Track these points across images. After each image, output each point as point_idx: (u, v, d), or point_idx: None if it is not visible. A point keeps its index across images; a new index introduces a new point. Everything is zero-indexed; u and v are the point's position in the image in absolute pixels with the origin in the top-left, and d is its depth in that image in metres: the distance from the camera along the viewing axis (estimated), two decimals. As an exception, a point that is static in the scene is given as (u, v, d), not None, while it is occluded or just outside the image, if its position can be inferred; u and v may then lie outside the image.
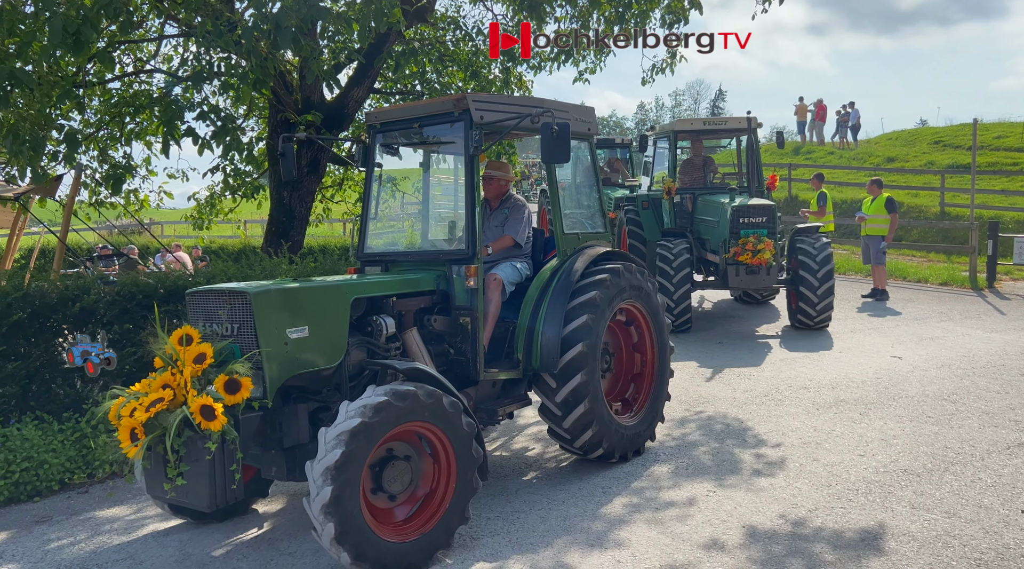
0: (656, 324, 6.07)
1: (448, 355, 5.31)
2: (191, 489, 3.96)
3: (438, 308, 5.32)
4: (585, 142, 6.27)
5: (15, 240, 11.50)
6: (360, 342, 4.78)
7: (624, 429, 5.63)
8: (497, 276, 5.52)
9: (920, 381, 7.65)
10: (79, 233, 15.87)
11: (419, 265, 5.50)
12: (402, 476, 4.21)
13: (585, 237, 6.02)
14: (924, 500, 4.84)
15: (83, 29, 5.31)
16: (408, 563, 4.07)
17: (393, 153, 5.91)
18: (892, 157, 24.81)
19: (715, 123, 11.60)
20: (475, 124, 5.07)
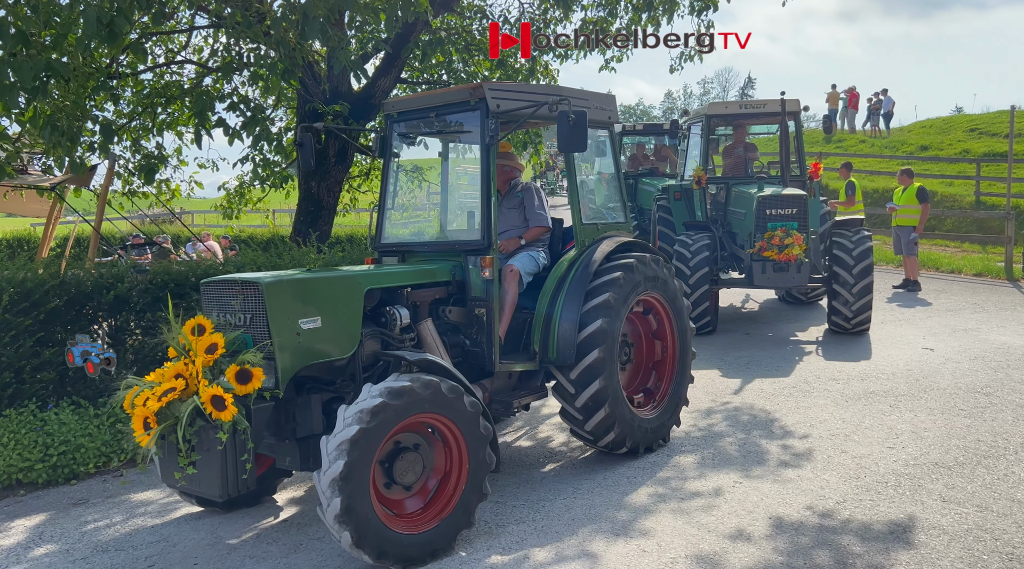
0: (675, 310, 5.99)
1: (464, 346, 5.29)
2: (203, 478, 3.98)
3: (454, 299, 5.30)
4: (606, 131, 6.19)
5: (51, 229, 11.75)
6: (374, 333, 4.77)
7: (647, 422, 5.61)
8: (514, 267, 5.47)
9: (952, 373, 7.53)
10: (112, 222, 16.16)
11: (435, 256, 5.48)
12: (414, 466, 4.19)
13: (605, 228, 5.93)
14: (955, 493, 4.78)
15: (116, 20, 5.38)
16: (432, 550, 4.11)
17: (411, 142, 5.90)
18: (926, 145, 24.33)
19: (752, 106, 10.55)
20: (491, 113, 5.02)
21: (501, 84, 5.28)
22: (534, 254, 5.74)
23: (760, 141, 12.64)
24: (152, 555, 4.43)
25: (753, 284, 9.18)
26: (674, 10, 10.20)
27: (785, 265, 8.85)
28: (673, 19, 10.45)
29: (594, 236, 5.76)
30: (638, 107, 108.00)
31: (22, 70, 5.49)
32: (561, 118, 4.73)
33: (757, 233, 9.08)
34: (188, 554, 4.42)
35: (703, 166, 10.49)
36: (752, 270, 9.07)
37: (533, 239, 5.83)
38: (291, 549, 4.43)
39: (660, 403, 5.90)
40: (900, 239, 12.44)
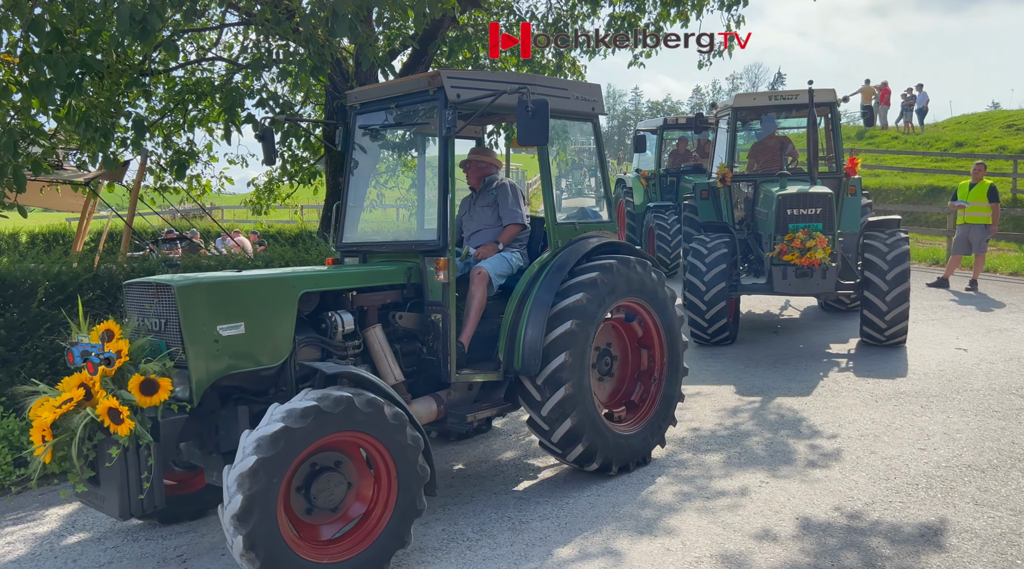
0: (664, 318, 5.53)
1: (420, 354, 4.93)
2: (106, 496, 3.70)
3: (411, 304, 4.94)
4: (588, 123, 5.75)
5: (85, 224, 11.96)
6: (311, 340, 4.45)
7: (623, 439, 5.21)
8: (483, 269, 5.10)
9: (986, 374, 7.39)
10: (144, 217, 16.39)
11: (396, 256, 5.12)
12: (334, 487, 3.85)
13: (584, 227, 5.52)
14: (988, 497, 4.69)
15: (149, 18, 5.46)
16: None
17: (374, 135, 5.57)
18: (961, 142, 23.86)
19: (781, 98, 9.66)
20: (450, 103, 4.67)
21: (461, 72, 4.96)
22: (507, 256, 5.36)
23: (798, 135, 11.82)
24: (181, 545, 4.50)
25: (774, 290, 8.48)
26: (703, 5, 10.10)
27: (808, 270, 8.15)
28: (702, 14, 10.36)
29: (571, 236, 5.36)
30: (665, 103, 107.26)
31: (58, 67, 5.60)
32: (519, 108, 4.39)
33: (777, 235, 8.36)
34: (217, 545, 4.47)
35: (728, 163, 9.79)
36: (772, 275, 8.38)
37: (510, 239, 5.46)
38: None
39: (643, 419, 5.46)
40: (965, 237, 12.00)
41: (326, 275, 4.63)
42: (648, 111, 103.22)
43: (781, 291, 8.43)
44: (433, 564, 4.10)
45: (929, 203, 18.86)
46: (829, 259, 8.09)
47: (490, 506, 4.85)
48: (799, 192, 8.38)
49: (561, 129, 6.24)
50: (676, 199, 13.74)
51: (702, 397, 7.10)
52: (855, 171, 9.39)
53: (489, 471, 5.51)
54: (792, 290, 8.39)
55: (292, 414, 3.58)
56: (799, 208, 8.31)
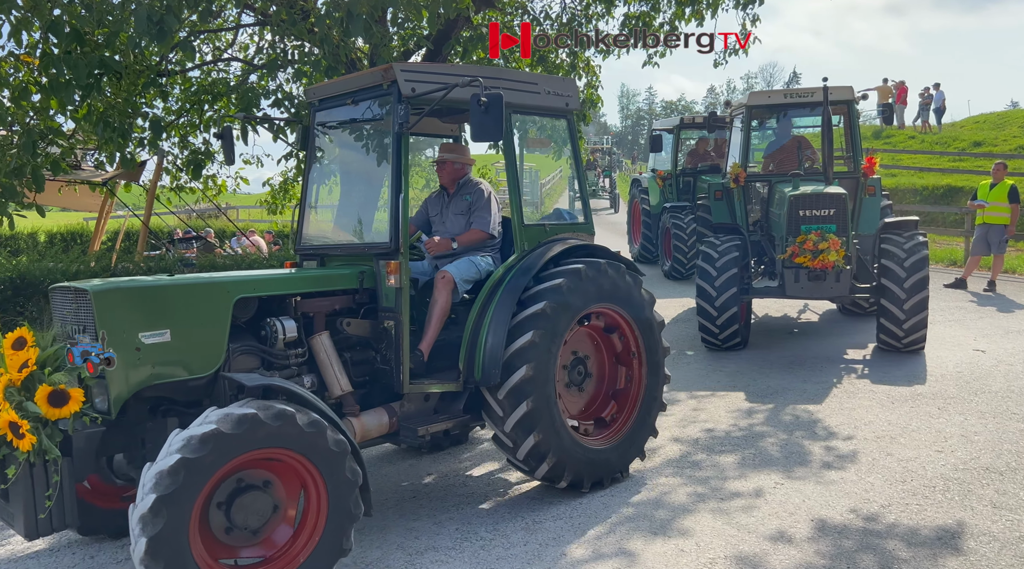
0: (642, 327, 5.20)
1: (374, 363, 4.71)
2: (14, 513, 3.53)
3: (365, 310, 4.70)
4: (563, 120, 5.51)
5: (103, 223, 12.08)
6: (248, 348, 4.23)
7: (596, 453, 4.93)
8: (447, 273, 4.84)
9: (1005, 376, 7.31)
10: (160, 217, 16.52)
11: (352, 260, 4.89)
12: (256, 511, 3.57)
13: (556, 229, 5.24)
14: (1007, 500, 4.64)
15: (166, 19, 5.52)
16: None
17: (333, 132, 5.37)
18: (979, 141, 23.61)
19: (797, 95, 9.34)
20: (403, 97, 4.44)
21: (416, 65, 4.76)
22: (476, 259, 5.07)
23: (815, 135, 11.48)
24: (197, 542, 4.53)
25: (785, 294, 8.22)
26: (719, 4, 10.06)
27: (821, 273, 7.85)
28: (717, 13, 10.32)
29: (541, 238, 5.10)
30: (679, 103, 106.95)
31: (77, 68, 5.66)
32: (472, 102, 4.13)
33: (789, 236, 8.13)
34: (231, 542, 4.50)
35: (742, 162, 9.47)
36: (785, 278, 8.11)
37: (469, 244, 5.13)
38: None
39: (619, 431, 5.16)
40: (984, 238, 11.86)
41: (265, 279, 4.39)
42: (662, 111, 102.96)
43: (793, 295, 8.18)
44: (447, 563, 4.11)
45: (947, 203, 18.68)
46: (843, 262, 7.84)
47: (504, 506, 4.85)
48: (811, 192, 8.16)
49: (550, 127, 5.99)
50: (693, 199, 13.65)
51: (716, 398, 7.07)
52: (873, 171, 9.11)
53: (502, 470, 5.51)
54: (805, 294, 8.13)
55: (228, 418, 3.37)
56: (812, 209, 8.08)
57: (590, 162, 30.92)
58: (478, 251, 5.16)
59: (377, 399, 4.70)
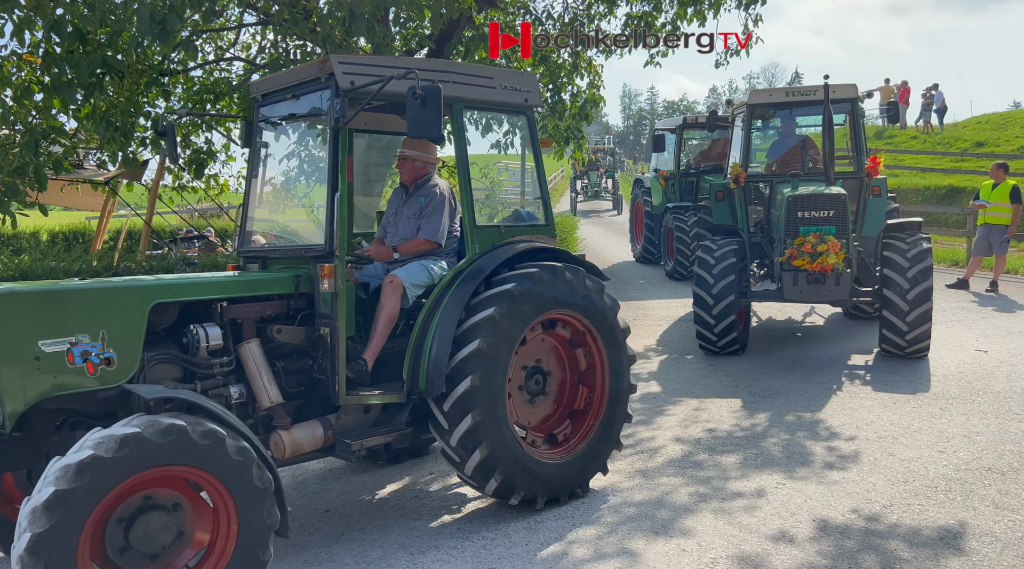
0: (605, 334, 4.92)
1: (311, 373, 4.47)
2: None
3: (302, 316, 4.46)
4: (522, 116, 5.25)
5: (105, 222, 12.10)
6: (166, 357, 3.99)
7: (551, 469, 4.69)
8: (396, 278, 4.60)
9: (1007, 376, 7.30)
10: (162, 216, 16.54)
11: (292, 263, 4.65)
12: (155, 535, 3.32)
13: (513, 231, 4.98)
14: (1009, 500, 4.63)
15: (168, 18, 5.53)
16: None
17: (276, 129, 5.10)
18: (981, 141, 23.60)
19: (799, 93, 9.07)
20: (341, 90, 4.23)
21: (354, 57, 4.56)
22: (428, 263, 4.83)
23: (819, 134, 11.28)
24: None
25: (784, 297, 7.99)
26: (720, 4, 10.06)
27: (820, 276, 7.63)
28: (719, 14, 10.32)
29: (495, 241, 4.85)
30: (681, 103, 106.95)
31: (79, 67, 5.67)
32: (408, 95, 3.94)
33: (788, 238, 7.92)
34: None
35: (743, 162, 9.19)
36: (783, 281, 7.89)
37: (412, 252, 4.86)
38: (332, 540, 4.50)
39: (579, 444, 4.91)
40: (986, 238, 11.84)
41: (187, 283, 4.14)
42: (664, 111, 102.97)
43: (792, 298, 7.95)
44: (449, 562, 4.11)
45: (949, 203, 18.67)
46: (843, 265, 7.65)
47: (505, 505, 4.85)
48: (810, 193, 7.97)
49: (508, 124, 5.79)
50: (696, 199, 13.62)
51: (718, 398, 7.07)
52: (877, 171, 8.85)
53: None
54: (803, 297, 7.93)
55: (108, 441, 3.12)
56: (810, 210, 7.86)
57: (592, 162, 30.42)
58: (432, 255, 4.92)
59: (315, 411, 4.44)
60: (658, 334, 9.95)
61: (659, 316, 11.00)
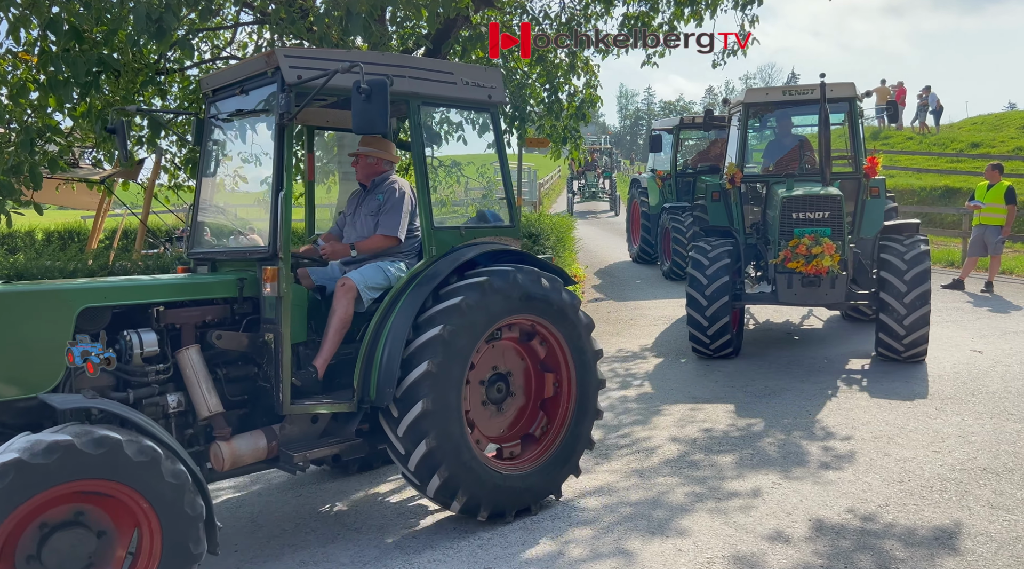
0: (569, 338, 4.78)
1: (256, 380, 4.27)
2: None
3: (247, 321, 4.26)
4: (485, 113, 5.08)
5: (100, 221, 12.07)
6: None
7: (515, 480, 4.52)
8: (348, 281, 4.43)
9: (1002, 376, 7.32)
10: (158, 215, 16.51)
11: (241, 266, 4.47)
12: (72, 555, 3.10)
13: (475, 233, 4.81)
14: (1004, 500, 4.65)
15: (165, 17, 5.52)
16: None
17: (227, 126, 4.88)
18: (977, 142, 23.67)
19: (796, 92, 8.88)
20: (287, 85, 4.08)
21: (302, 50, 4.41)
22: (386, 265, 4.66)
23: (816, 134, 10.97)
24: (194, 540, 4.53)
25: (778, 300, 7.88)
26: (718, 4, 10.07)
27: (815, 279, 7.51)
28: (716, 14, 10.33)
29: (454, 243, 4.68)
30: (678, 103, 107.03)
31: (75, 65, 5.65)
32: (353, 89, 3.78)
33: (782, 240, 7.80)
34: (229, 540, 4.50)
35: (738, 162, 8.97)
36: (777, 284, 7.77)
37: (372, 251, 4.71)
38: (329, 539, 4.49)
39: (543, 454, 4.76)
40: (980, 239, 11.88)
41: (118, 287, 3.94)
42: (661, 111, 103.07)
43: (786, 301, 7.84)
44: (445, 562, 4.11)
45: (944, 204, 18.72)
46: (838, 267, 7.52)
47: (501, 505, 4.85)
48: (804, 194, 7.85)
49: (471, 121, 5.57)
50: (692, 200, 13.62)
51: (714, 398, 7.08)
52: (875, 172, 8.69)
53: (500, 470, 5.51)
54: (798, 300, 7.82)
55: (34, 446, 2.95)
56: (805, 211, 7.75)
57: (589, 162, 30.18)
58: (389, 256, 4.75)
59: (260, 420, 4.24)
60: (654, 334, 9.96)
61: (655, 316, 11.01)
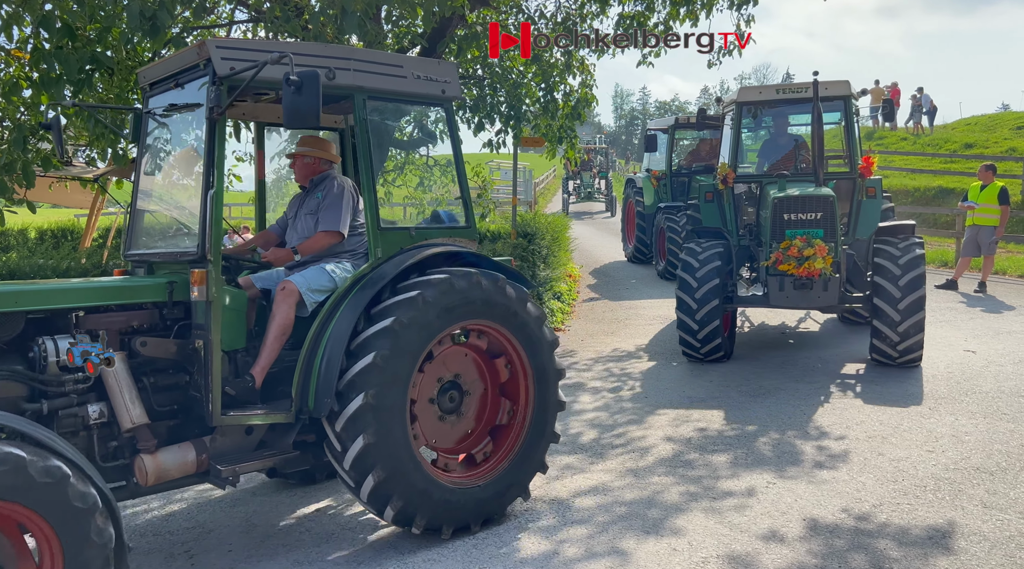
0: (529, 350, 4.55)
1: (186, 390, 4.04)
2: None
3: (179, 327, 4.03)
4: (439, 108, 4.90)
5: (94, 220, 12.02)
6: (7, 374, 3.56)
7: (457, 494, 4.28)
8: (289, 284, 4.25)
9: (995, 376, 7.35)
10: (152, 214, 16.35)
11: (172, 268, 4.26)
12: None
13: (427, 234, 4.60)
14: (997, 499, 4.66)
15: (159, 15, 5.49)
16: None
17: (164, 121, 4.60)
18: (970, 143, 23.75)
19: (790, 90, 8.67)
20: (218, 77, 3.86)
21: (234, 41, 4.20)
22: (330, 267, 4.47)
23: None
24: (188, 541, 4.52)
25: (770, 303, 7.73)
26: (713, 4, 10.08)
27: (807, 281, 7.35)
28: (712, 14, 10.34)
29: (403, 245, 4.46)
30: (673, 103, 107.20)
31: (68, 62, 5.62)
32: (283, 81, 3.57)
33: (773, 242, 7.64)
34: (223, 540, 4.49)
35: (731, 162, 8.81)
36: (769, 286, 7.64)
37: (315, 250, 4.55)
38: (323, 538, 4.48)
39: (497, 466, 4.53)
40: (974, 239, 11.92)
41: (32, 291, 3.72)
42: (656, 111, 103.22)
43: (778, 304, 7.68)
44: (440, 562, 4.10)
45: (938, 204, 18.78)
46: (830, 269, 7.34)
47: (496, 504, 4.84)
48: (796, 195, 7.68)
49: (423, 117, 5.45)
50: (687, 200, 13.65)
51: (709, 398, 7.08)
52: (871, 171, 8.48)
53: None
54: (790, 303, 7.61)
55: None
56: (797, 212, 7.58)
57: (585, 162, 30.05)
58: (334, 257, 4.56)
59: (192, 432, 4.02)
60: (649, 334, 9.97)
61: (650, 316, 11.02)
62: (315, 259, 4.56)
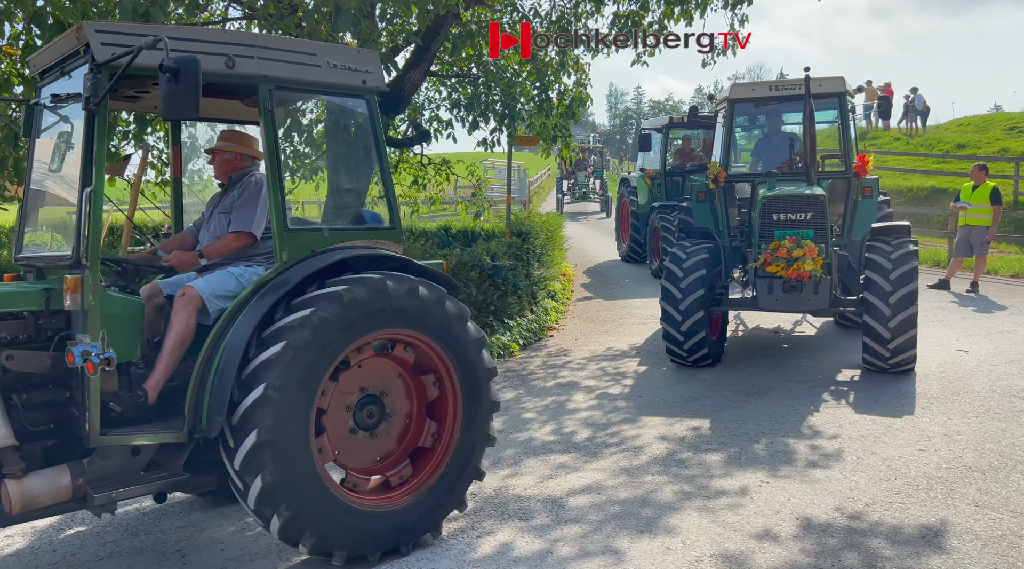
0: (456, 356, 4.22)
1: (66, 408, 3.69)
2: None
3: (60, 338, 3.68)
4: (358, 99, 4.44)
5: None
6: None
7: (379, 519, 3.99)
8: (190, 290, 3.94)
9: (987, 376, 7.38)
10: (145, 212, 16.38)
11: (56, 272, 3.88)
12: None
13: (344, 235, 4.24)
14: (989, 498, 4.68)
15: (151, 11, 5.47)
16: None
17: (55, 113, 4.22)
18: (963, 143, 23.84)
19: (783, 87, 8.48)
20: (97, 64, 3.50)
21: (115, 25, 3.84)
22: (238, 271, 4.15)
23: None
24: (180, 540, 4.50)
25: (759, 306, 7.57)
26: (707, 3, 10.09)
27: (797, 283, 7.17)
28: (706, 13, 10.35)
29: (315, 248, 4.09)
30: (667, 102, 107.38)
31: (60, 60, 5.56)
32: (160, 69, 3.25)
33: (762, 243, 7.46)
34: (215, 541, 4.47)
35: (723, 161, 8.57)
36: (758, 288, 7.45)
37: (222, 253, 4.23)
38: (316, 537, 4.46)
39: (421, 484, 4.25)
40: (966, 239, 11.98)
41: None
42: (650, 110, 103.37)
43: (767, 307, 7.52)
44: (432, 561, 4.09)
45: (931, 205, 18.86)
46: (821, 271, 7.17)
47: (489, 505, 4.84)
48: (785, 194, 7.52)
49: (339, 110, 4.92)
50: (682, 199, 13.67)
51: (703, 397, 7.09)
52: (865, 171, 8.30)
53: (488, 468, 5.50)
54: (780, 306, 7.43)
55: None
56: (786, 212, 7.41)
57: (580, 162, 29.86)
58: (245, 260, 4.24)
59: (71, 454, 3.66)
60: (643, 333, 9.98)
61: (644, 315, 11.03)
62: (224, 262, 4.23)
